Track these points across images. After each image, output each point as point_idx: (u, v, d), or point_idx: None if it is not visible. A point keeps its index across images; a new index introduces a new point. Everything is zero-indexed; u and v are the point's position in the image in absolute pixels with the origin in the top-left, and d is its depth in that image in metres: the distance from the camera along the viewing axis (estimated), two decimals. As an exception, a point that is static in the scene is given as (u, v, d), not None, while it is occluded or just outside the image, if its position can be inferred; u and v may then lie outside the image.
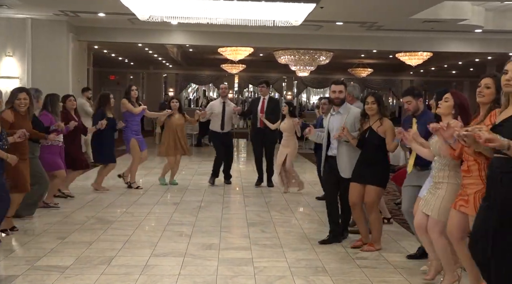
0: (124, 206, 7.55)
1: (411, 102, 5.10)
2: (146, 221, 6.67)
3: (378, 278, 4.61)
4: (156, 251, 5.26)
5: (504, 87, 3.19)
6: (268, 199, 8.34)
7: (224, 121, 9.48)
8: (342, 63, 22.11)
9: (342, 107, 5.74)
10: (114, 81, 25.89)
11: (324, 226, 6.49)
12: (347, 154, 5.60)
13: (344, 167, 5.61)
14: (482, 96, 3.68)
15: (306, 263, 5.01)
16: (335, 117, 5.76)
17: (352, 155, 5.57)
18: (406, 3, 10.18)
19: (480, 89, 3.70)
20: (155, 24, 12.44)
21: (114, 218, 6.77)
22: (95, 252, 5.18)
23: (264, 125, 9.26)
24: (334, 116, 5.78)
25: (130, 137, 8.80)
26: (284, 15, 9.26)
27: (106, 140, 8.46)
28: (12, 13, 12.22)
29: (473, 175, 3.69)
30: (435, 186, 4.23)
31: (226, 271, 4.70)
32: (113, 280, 4.39)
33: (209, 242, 5.64)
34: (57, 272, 4.55)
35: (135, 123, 8.89)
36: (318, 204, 7.91)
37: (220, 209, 7.47)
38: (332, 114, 5.82)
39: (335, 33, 14.18)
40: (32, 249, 5.29)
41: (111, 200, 7.93)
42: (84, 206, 7.42)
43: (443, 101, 4.24)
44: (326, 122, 5.91)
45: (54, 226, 6.24)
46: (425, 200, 4.30)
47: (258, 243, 5.69)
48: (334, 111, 5.79)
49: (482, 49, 15.41)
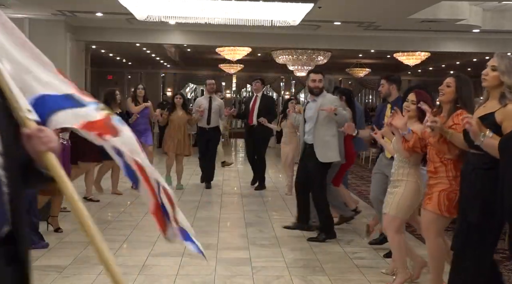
0: (122, 206, 7.54)
1: (383, 86, 5.40)
2: (144, 221, 6.67)
3: (375, 278, 4.61)
4: (154, 251, 5.26)
5: (482, 81, 3.34)
6: (266, 199, 8.34)
7: (210, 116, 9.27)
8: (340, 63, 22.12)
9: (320, 95, 5.88)
10: (111, 81, 25.88)
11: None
12: (323, 139, 5.74)
13: (321, 152, 5.74)
14: (442, 94, 3.80)
15: (304, 263, 5.01)
16: (311, 105, 5.93)
17: (329, 139, 5.73)
18: (404, 3, 10.19)
19: (441, 87, 3.81)
20: (153, 24, 12.43)
21: (112, 218, 6.77)
22: (93, 252, 5.15)
23: (254, 122, 9.12)
24: (310, 103, 5.96)
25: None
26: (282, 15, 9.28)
27: None
28: (9, 13, 12.19)
29: (439, 175, 3.76)
30: (394, 184, 4.21)
31: (224, 271, 4.70)
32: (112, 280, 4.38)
33: (207, 242, 5.64)
34: (55, 272, 4.55)
35: (138, 123, 8.79)
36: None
37: (218, 209, 7.47)
38: (308, 101, 6.02)
39: (333, 33, 14.19)
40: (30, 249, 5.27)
41: (109, 200, 7.93)
42: (82, 206, 7.39)
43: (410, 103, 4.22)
44: (302, 111, 6.10)
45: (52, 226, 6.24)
46: (386, 201, 4.28)
47: (256, 243, 5.69)
48: (311, 99, 5.96)
49: (480, 49, 15.41)
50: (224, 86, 27.94)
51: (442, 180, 3.75)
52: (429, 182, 3.86)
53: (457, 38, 14.68)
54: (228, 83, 27.99)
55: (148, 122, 9.11)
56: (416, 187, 4.11)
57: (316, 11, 10.24)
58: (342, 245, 5.67)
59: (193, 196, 8.38)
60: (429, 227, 3.85)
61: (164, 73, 27.52)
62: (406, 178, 4.12)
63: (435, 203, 3.74)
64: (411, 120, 4.17)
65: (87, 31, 13.99)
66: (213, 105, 9.35)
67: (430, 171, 3.85)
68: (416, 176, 4.13)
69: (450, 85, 3.78)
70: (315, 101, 5.85)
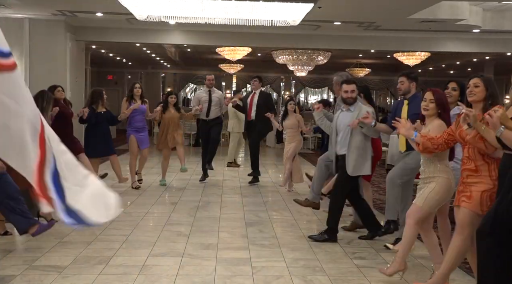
0: (122, 206, 7.53)
1: (403, 83, 5.45)
2: (144, 221, 6.67)
3: (376, 278, 4.61)
4: (154, 251, 5.26)
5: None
6: (266, 199, 8.34)
7: (210, 109, 9.60)
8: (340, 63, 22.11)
9: (354, 104, 5.71)
10: (112, 81, 25.89)
11: (322, 226, 6.51)
12: (356, 151, 5.60)
13: (353, 164, 5.61)
14: (473, 94, 3.92)
15: (304, 263, 5.01)
16: (345, 114, 5.72)
17: (361, 152, 5.61)
18: (404, 3, 10.19)
19: (470, 89, 3.93)
20: (153, 24, 12.44)
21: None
22: (93, 252, 5.17)
23: (253, 117, 9.49)
24: (344, 113, 5.75)
25: (130, 133, 8.99)
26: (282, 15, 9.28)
27: (99, 133, 8.38)
28: (9, 13, 12.20)
29: (482, 174, 3.77)
30: (425, 181, 4.24)
31: (224, 271, 4.70)
32: (111, 280, 4.39)
33: (207, 242, 5.65)
34: (55, 272, 4.55)
35: (135, 120, 8.94)
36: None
37: (218, 209, 7.47)
38: (342, 110, 5.78)
39: (333, 33, 14.19)
40: (30, 249, 5.29)
41: (109, 200, 7.92)
42: (82, 206, 7.40)
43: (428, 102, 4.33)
44: (335, 119, 5.87)
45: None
46: (419, 192, 4.31)
47: (256, 243, 5.69)
48: (344, 108, 5.75)
49: (480, 49, 15.43)
50: (224, 86, 27.94)
51: (484, 179, 3.75)
52: (466, 179, 3.85)
53: (457, 38, 14.69)
54: (228, 83, 27.99)
55: (144, 120, 9.16)
56: (448, 183, 4.16)
57: (316, 11, 10.25)
58: (342, 245, 5.66)
59: (193, 196, 8.38)
60: (465, 226, 3.81)
61: (164, 73, 27.51)
62: (438, 174, 4.16)
63: (477, 203, 3.74)
64: (430, 118, 4.29)
65: (87, 31, 13.99)
66: (213, 97, 9.68)
67: (469, 169, 3.83)
68: (447, 172, 4.18)
69: (478, 85, 3.92)
70: (350, 111, 5.69)
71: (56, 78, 12.37)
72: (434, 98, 4.25)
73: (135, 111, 8.85)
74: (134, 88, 9.04)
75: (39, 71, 12.54)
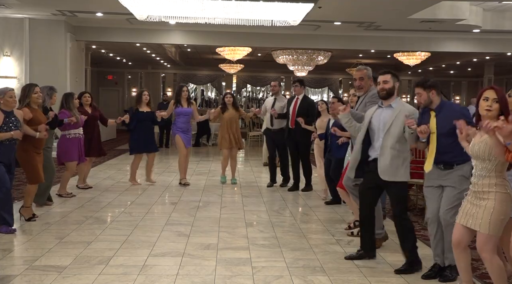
0: (122, 206, 7.54)
1: (421, 94, 4.55)
2: (144, 221, 6.67)
3: (376, 278, 4.61)
4: (154, 251, 5.26)
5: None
6: (266, 199, 8.34)
7: (273, 118, 9.21)
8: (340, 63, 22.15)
9: (396, 101, 4.90)
10: (112, 81, 25.90)
11: (322, 226, 6.52)
12: (391, 153, 4.76)
13: (385, 169, 4.77)
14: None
15: (304, 263, 5.01)
16: (384, 111, 4.88)
17: (395, 154, 4.76)
18: (404, 3, 10.19)
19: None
20: (153, 24, 12.45)
21: (112, 218, 6.77)
22: (93, 252, 5.17)
23: (295, 125, 8.70)
24: (383, 109, 4.91)
25: (175, 133, 9.26)
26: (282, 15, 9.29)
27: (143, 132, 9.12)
28: (9, 13, 12.20)
29: None
30: (477, 195, 3.71)
31: (224, 271, 4.70)
32: (111, 280, 4.39)
33: (208, 242, 5.64)
34: (55, 272, 4.55)
35: (180, 121, 9.17)
36: (316, 204, 7.93)
37: (219, 209, 7.47)
38: (380, 106, 4.95)
39: (333, 33, 14.21)
40: (30, 249, 5.29)
41: (109, 200, 7.93)
42: (82, 206, 7.41)
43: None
44: (368, 117, 5.00)
45: (52, 226, 6.24)
46: (465, 212, 3.77)
47: (256, 243, 5.69)
48: (383, 105, 4.92)
49: (480, 49, 15.45)
50: (224, 86, 27.95)
51: None
52: None
53: (457, 38, 14.71)
54: (228, 83, 28.00)
55: (189, 122, 9.38)
56: (508, 198, 3.65)
57: (316, 11, 10.25)
58: (342, 245, 5.66)
59: (193, 196, 8.38)
60: None
61: (164, 73, 27.53)
62: (494, 189, 3.64)
63: None
64: (492, 120, 3.56)
65: (87, 31, 14.01)
66: (276, 106, 9.22)
67: None
68: (505, 186, 3.66)
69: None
70: (391, 107, 4.84)
71: (56, 78, 12.40)
72: (498, 97, 3.63)
73: (179, 113, 9.13)
74: (143, 95, 9.24)
75: (39, 71, 12.55)
